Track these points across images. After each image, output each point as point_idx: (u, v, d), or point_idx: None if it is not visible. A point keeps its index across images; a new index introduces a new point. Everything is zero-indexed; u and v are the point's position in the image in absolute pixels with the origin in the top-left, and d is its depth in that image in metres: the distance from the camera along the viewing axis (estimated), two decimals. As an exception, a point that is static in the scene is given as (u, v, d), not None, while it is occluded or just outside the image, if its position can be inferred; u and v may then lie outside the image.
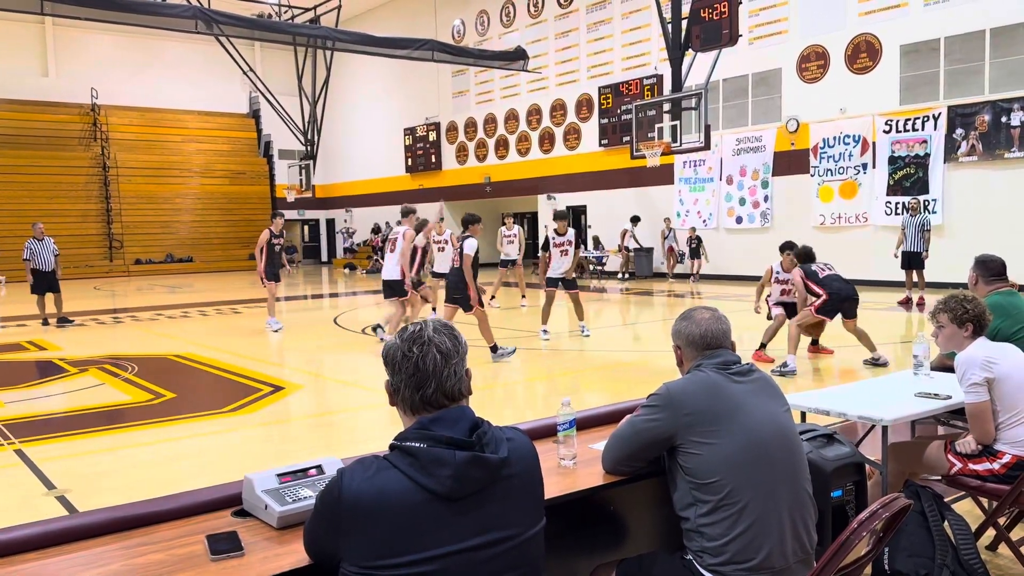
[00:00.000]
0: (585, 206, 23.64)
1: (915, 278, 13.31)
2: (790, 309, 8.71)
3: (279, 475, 2.06)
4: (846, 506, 2.69)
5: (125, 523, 2.01)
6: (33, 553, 1.88)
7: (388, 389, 1.78)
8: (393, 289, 10.40)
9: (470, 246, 8.94)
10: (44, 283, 13.36)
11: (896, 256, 13.56)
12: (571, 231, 10.79)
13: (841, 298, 8.04)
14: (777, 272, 8.88)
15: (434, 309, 13.23)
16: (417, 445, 1.64)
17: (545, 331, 10.75)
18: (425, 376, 1.70)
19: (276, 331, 12.10)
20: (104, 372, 9.05)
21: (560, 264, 10.65)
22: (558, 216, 10.90)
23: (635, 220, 21.11)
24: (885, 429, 3.35)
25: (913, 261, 13.22)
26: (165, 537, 1.94)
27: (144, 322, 14.14)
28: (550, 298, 10.80)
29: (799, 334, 8.20)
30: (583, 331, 10.83)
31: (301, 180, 25.81)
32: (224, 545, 1.82)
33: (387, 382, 1.77)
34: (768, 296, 9.17)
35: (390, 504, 1.59)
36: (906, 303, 13.22)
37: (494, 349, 9.15)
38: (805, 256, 8.46)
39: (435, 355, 1.71)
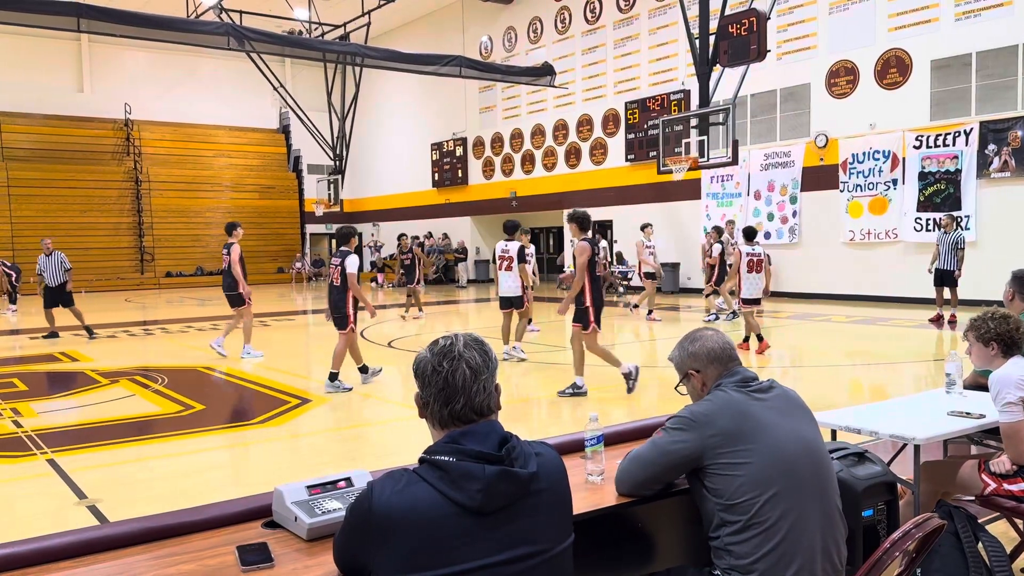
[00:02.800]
0: (611, 221, 23.62)
1: (947, 295, 13.09)
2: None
3: (309, 487, 2.07)
4: (877, 526, 2.66)
5: (156, 533, 2.03)
6: (66, 562, 1.90)
7: (418, 402, 1.79)
8: (512, 303, 10.69)
9: (352, 263, 8.47)
10: (51, 297, 13.81)
11: (930, 272, 13.36)
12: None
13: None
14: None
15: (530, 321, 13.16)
16: (447, 459, 1.64)
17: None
18: (454, 391, 1.71)
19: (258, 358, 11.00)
20: (134, 383, 9.16)
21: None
22: (514, 228, 10.84)
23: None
24: (917, 448, 3.30)
25: (946, 279, 12.99)
26: (195, 548, 1.96)
27: (174, 334, 14.31)
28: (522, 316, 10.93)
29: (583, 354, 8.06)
30: (518, 352, 10.43)
31: (329, 195, 26.09)
32: (254, 556, 1.83)
33: (417, 395, 1.78)
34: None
35: (420, 517, 1.59)
36: (937, 321, 13.00)
37: (363, 370, 8.92)
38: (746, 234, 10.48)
39: (465, 370, 1.72)
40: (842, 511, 2.30)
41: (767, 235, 19.01)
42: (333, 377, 8.53)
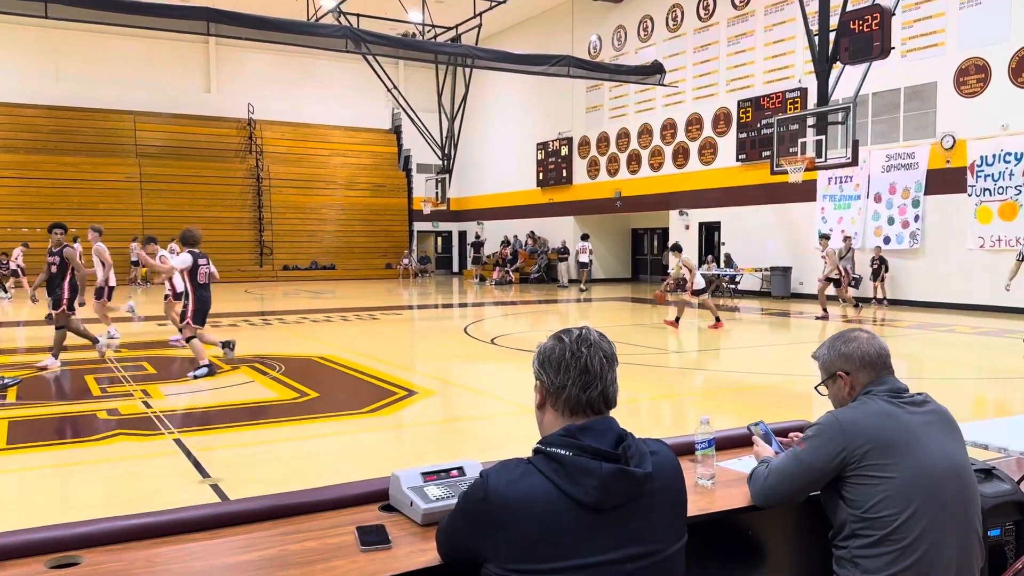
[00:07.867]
0: (719, 222, 23.14)
1: None
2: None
3: (424, 474, 2.13)
4: (1004, 546, 2.53)
5: (281, 511, 2.13)
6: (199, 534, 2.02)
7: (543, 390, 1.77)
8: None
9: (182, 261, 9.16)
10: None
11: (1008, 290, 12.17)
12: None
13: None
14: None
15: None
16: (563, 452, 1.64)
17: None
18: (593, 377, 1.72)
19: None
20: (254, 370, 9.60)
21: None
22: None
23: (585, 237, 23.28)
24: (1051, 467, 3.12)
25: None
26: (317, 527, 2.05)
27: (290, 325, 14.89)
28: None
29: None
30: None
31: (437, 193, 26.58)
32: (373, 537, 1.91)
33: (541, 383, 1.77)
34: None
35: (534, 509, 1.59)
36: None
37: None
38: None
39: (601, 358, 1.74)
40: (982, 536, 2.18)
41: (886, 240, 18.21)
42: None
